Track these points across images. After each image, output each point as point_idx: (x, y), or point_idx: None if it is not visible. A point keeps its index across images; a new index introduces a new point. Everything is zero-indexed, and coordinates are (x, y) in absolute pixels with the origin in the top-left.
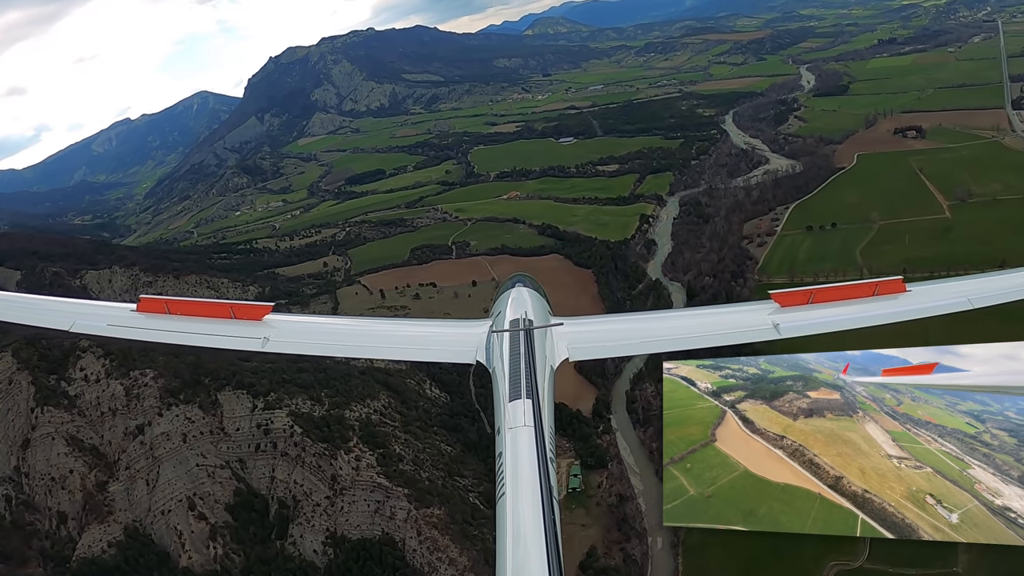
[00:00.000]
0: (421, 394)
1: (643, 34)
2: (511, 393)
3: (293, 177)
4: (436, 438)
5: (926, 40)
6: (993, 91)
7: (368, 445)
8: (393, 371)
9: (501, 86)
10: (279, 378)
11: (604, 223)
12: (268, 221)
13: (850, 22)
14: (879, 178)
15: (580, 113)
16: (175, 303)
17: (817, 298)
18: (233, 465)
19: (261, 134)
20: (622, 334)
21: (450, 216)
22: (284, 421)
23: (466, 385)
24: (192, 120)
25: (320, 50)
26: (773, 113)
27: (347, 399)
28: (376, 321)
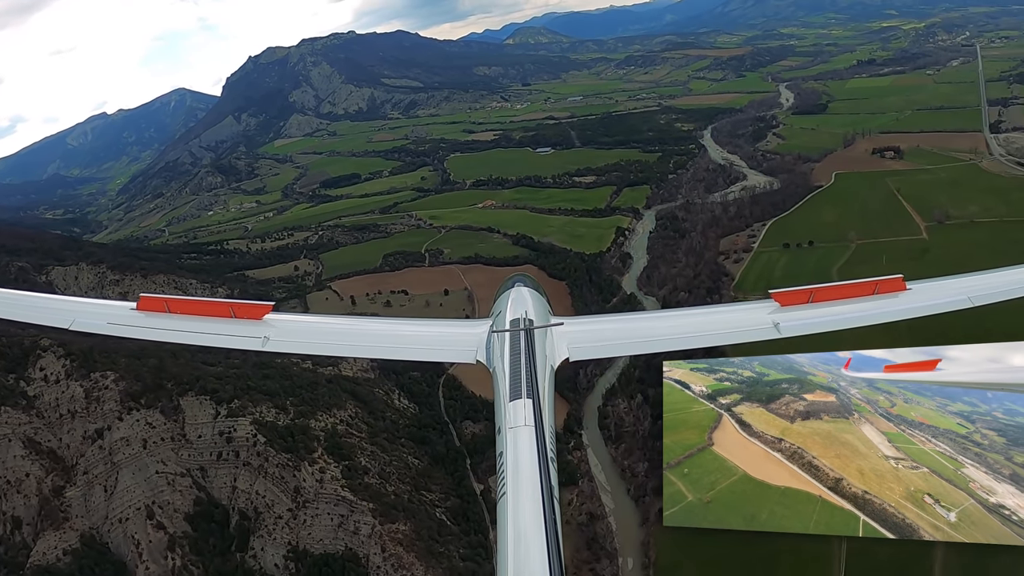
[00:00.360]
0: (389, 404)
1: (623, 47)
2: (511, 393)
3: (268, 178)
4: (403, 450)
5: (905, 62)
6: (971, 114)
7: (333, 456)
8: (361, 380)
9: (480, 94)
10: (244, 384)
11: (579, 235)
12: (240, 222)
13: (830, 42)
14: (857, 197)
15: (558, 124)
16: (175, 302)
17: (817, 297)
18: (194, 473)
19: (237, 134)
20: (623, 333)
21: (424, 223)
22: (247, 429)
23: (435, 396)
24: (169, 117)
25: (300, 51)
26: (752, 129)
27: (313, 408)
28: (376, 321)
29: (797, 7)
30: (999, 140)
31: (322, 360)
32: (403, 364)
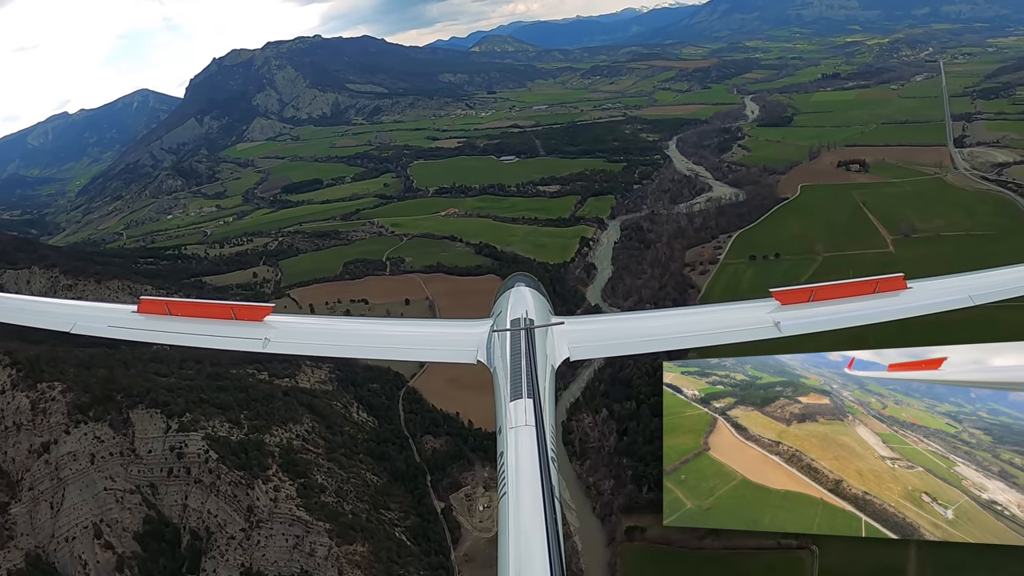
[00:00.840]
0: (347, 418)
1: (589, 57)
2: (512, 393)
3: (229, 182)
4: (361, 467)
5: (869, 76)
6: (935, 128)
7: (288, 474)
8: (319, 392)
9: (445, 101)
10: (196, 397)
11: (543, 244)
12: (200, 226)
13: (795, 56)
14: (823, 210)
15: (523, 132)
16: (175, 304)
17: (818, 296)
18: (144, 490)
19: (199, 136)
20: (623, 333)
21: (386, 231)
22: (199, 445)
23: (395, 409)
24: (131, 118)
25: (265, 54)
26: (717, 141)
27: (268, 422)
28: (376, 321)
29: (762, 21)
30: (964, 154)
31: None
32: (362, 377)
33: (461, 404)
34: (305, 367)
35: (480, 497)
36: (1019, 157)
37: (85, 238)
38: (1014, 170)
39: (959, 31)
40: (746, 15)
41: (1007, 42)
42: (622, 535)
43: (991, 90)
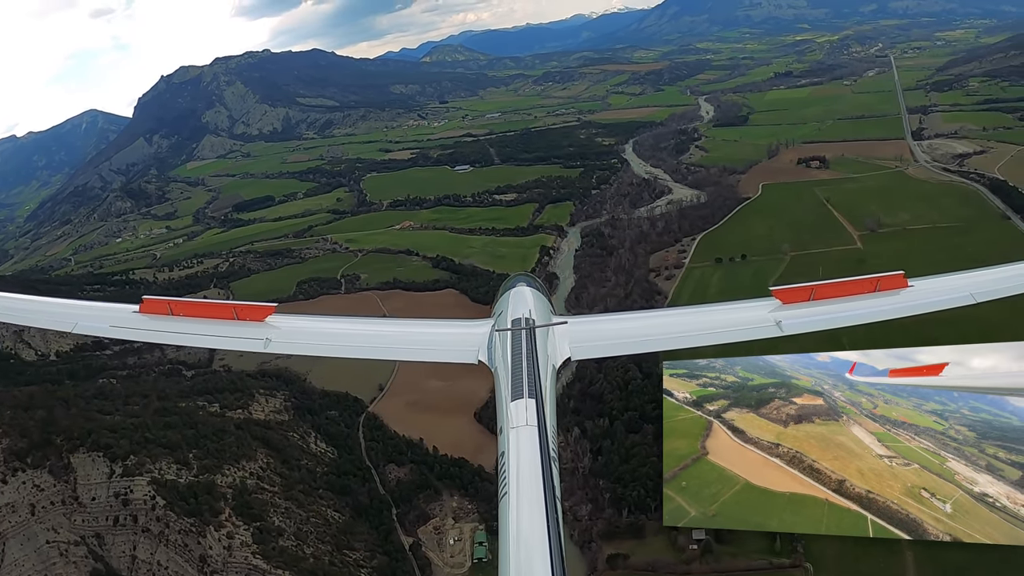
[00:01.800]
0: (305, 450)
1: (541, 64)
2: (513, 393)
3: (179, 202)
4: (322, 503)
5: (821, 73)
6: (891, 122)
7: (242, 518)
8: (274, 423)
9: (397, 112)
10: (141, 437)
11: (502, 255)
12: (150, 249)
13: (746, 56)
14: (786, 208)
15: (477, 141)
16: (177, 304)
17: (819, 294)
18: (89, 541)
19: (149, 156)
20: (624, 332)
21: (340, 247)
22: (145, 491)
23: (356, 438)
24: (80, 139)
25: (214, 70)
26: (674, 143)
27: (219, 461)
28: (377, 321)
29: (712, 23)
30: (923, 147)
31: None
32: (319, 404)
33: (424, 429)
34: (259, 396)
35: (450, 530)
36: (978, 148)
37: (33, 265)
38: (975, 160)
39: (907, 26)
40: (695, 18)
41: (955, 35)
42: (604, 564)
43: (944, 82)
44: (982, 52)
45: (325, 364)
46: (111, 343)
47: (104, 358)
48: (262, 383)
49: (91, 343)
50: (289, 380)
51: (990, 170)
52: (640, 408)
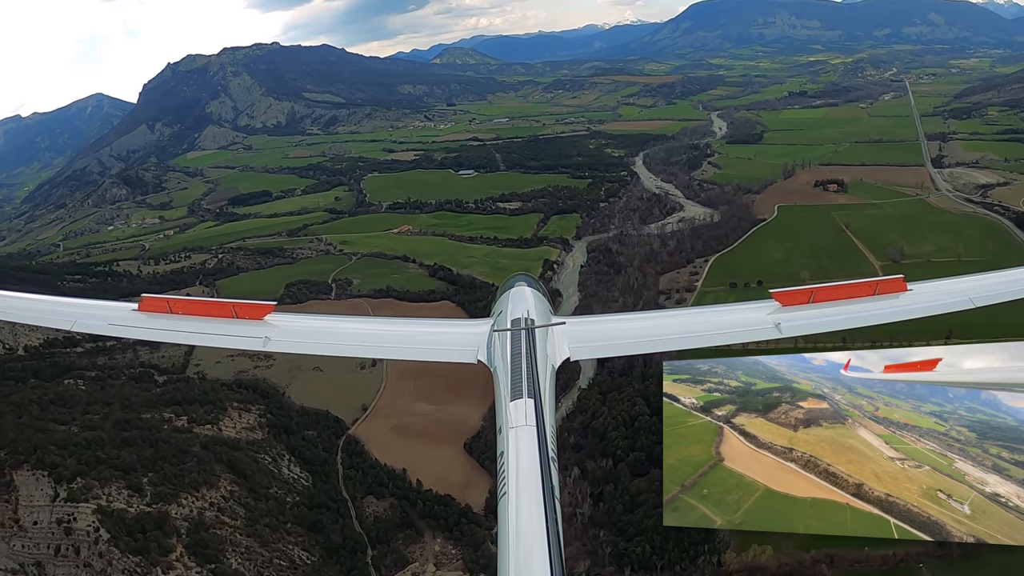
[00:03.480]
0: (276, 475)
1: (551, 71)
2: (512, 392)
3: (175, 192)
4: (289, 540)
5: (836, 95)
6: (910, 148)
7: (196, 558)
8: (244, 443)
9: (403, 112)
10: (92, 456)
11: (503, 267)
12: (140, 239)
13: (759, 74)
14: (804, 233)
15: (483, 145)
16: (177, 302)
17: (818, 297)
18: (29, 570)
19: (150, 144)
20: (624, 333)
21: (334, 249)
22: (89, 520)
23: (333, 464)
24: (85, 123)
25: (221, 60)
26: (686, 158)
27: (176, 487)
28: (377, 320)
29: (724, 39)
30: (944, 175)
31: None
32: (296, 422)
33: (409, 457)
34: (232, 410)
35: None
36: (1002, 179)
37: (21, 249)
38: (999, 192)
39: (920, 52)
40: (708, 33)
41: (969, 63)
42: None
43: (962, 110)
44: (999, 81)
45: (306, 378)
46: (82, 339)
47: (74, 356)
48: (237, 395)
49: (62, 338)
50: (266, 393)
51: (1015, 203)
52: (648, 449)
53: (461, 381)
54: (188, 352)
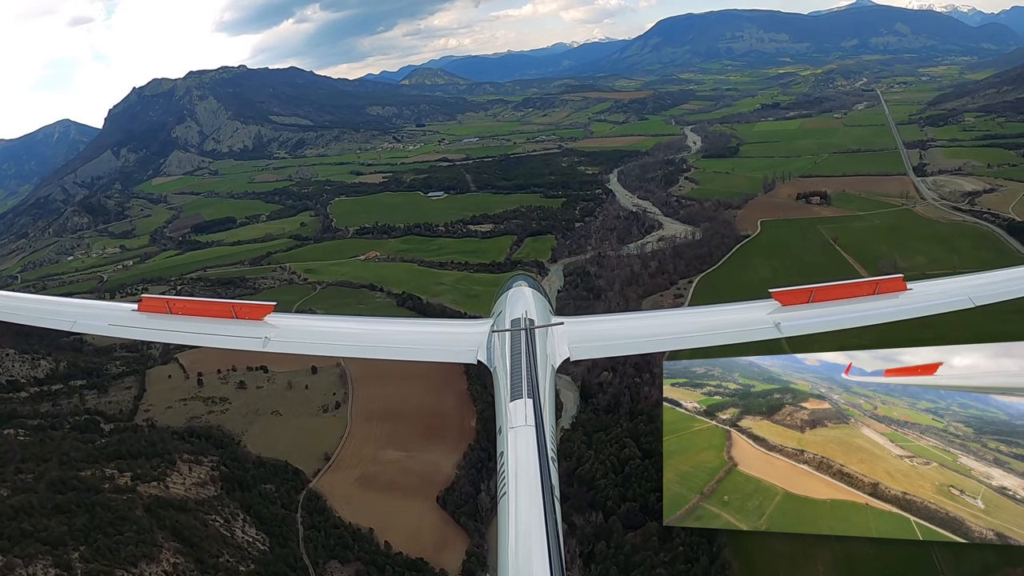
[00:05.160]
0: (229, 539)
1: (521, 90)
2: (512, 393)
3: (138, 220)
4: None
5: (809, 106)
6: (890, 157)
7: None
8: (192, 503)
9: (372, 134)
10: (17, 529)
11: (475, 294)
12: (99, 270)
13: (729, 87)
14: (790, 248)
15: (453, 166)
16: (177, 303)
17: (818, 296)
18: None
19: (115, 170)
20: (623, 332)
21: (298, 277)
22: None
23: (293, 522)
24: (52, 149)
25: (187, 84)
26: (662, 173)
27: (111, 564)
28: (376, 321)
29: (693, 54)
30: (928, 183)
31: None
32: (252, 475)
33: (376, 514)
34: (181, 463)
35: None
36: (988, 185)
37: None
38: (986, 199)
39: (889, 62)
40: (677, 49)
41: (938, 71)
42: None
43: (938, 117)
44: (971, 87)
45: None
46: (25, 383)
47: (15, 402)
48: (187, 445)
49: (3, 382)
50: (220, 442)
51: (1004, 210)
52: (642, 499)
53: (432, 424)
54: (137, 396)
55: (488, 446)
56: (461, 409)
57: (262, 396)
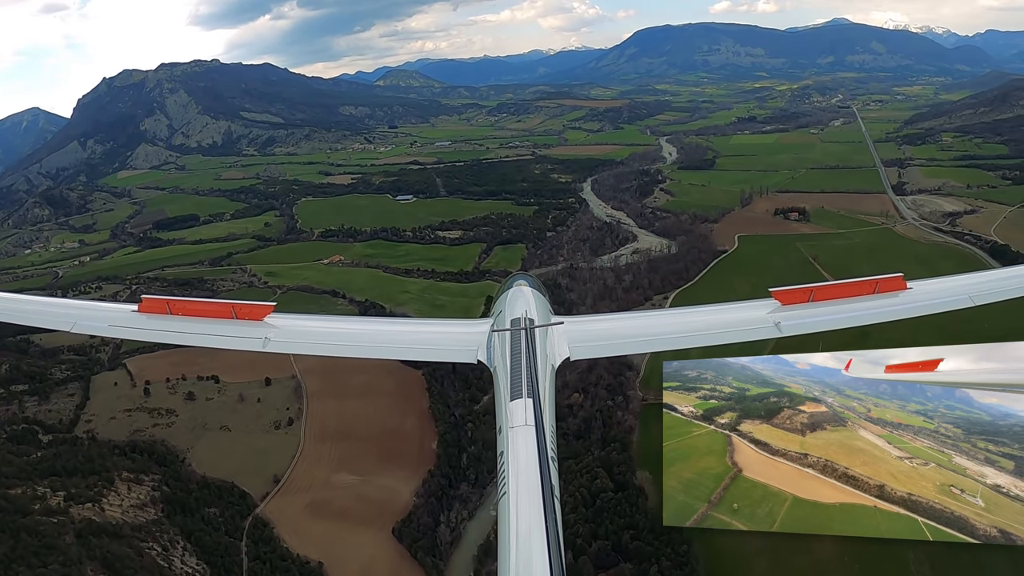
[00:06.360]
0: (165, 572)
1: (496, 95)
2: (512, 392)
3: (100, 214)
4: None
5: (786, 121)
6: (868, 174)
7: None
8: (127, 529)
9: (343, 134)
10: None
11: (440, 304)
12: (56, 265)
13: (705, 99)
14: (769, 265)
15: (423, 169)
16: (176, 303)
17: (818, 296)
18: None
19: (81, 161)
20: (623, 332)
21: (258, 281)
22: None
23: (237, 551)
24: (19, 138)
25: (158, 76)
26: (636, 184)
27: None
28: (376, 321)
29: (669, 66)
30: (907, 203)
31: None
32: (196, 498)
33: (328, 546)
34: (120, 482)
35: None
36: (968, 206)
37: None
38: (967, 220)
39: (864, 79)
40: (654, 59)
41: (913, 90)
42: None
43: (915, 136)
44: (948, 108)
45: (211, 440)
46: None
47: None
48: (128, 462)
49: None
50: (164, 459)
51: (986, 232)
52: (615, 536)
53: (390, 446)
54: (80, 405)
55: (449, 472)
56: (422, 429)
57: (211, 409)
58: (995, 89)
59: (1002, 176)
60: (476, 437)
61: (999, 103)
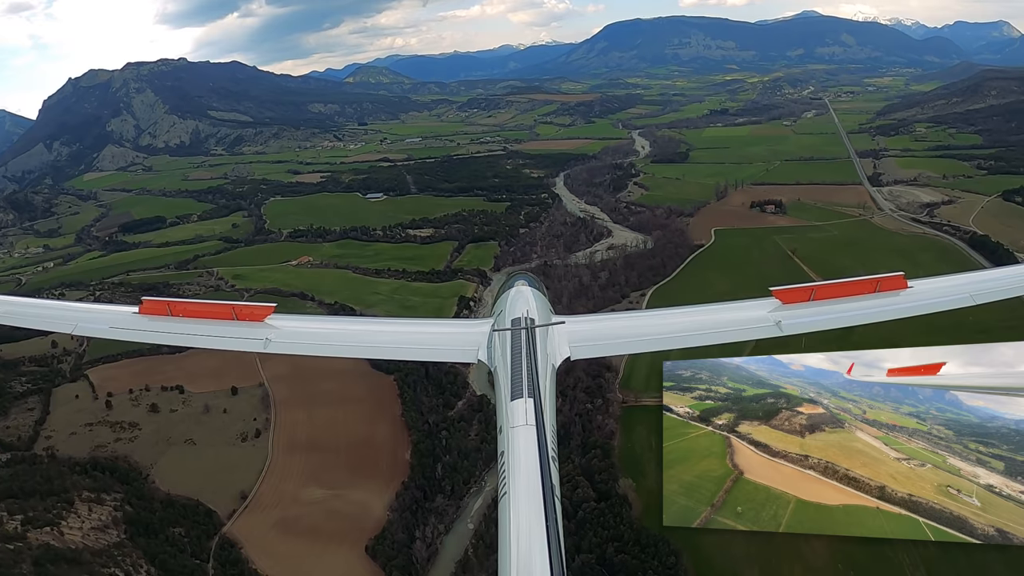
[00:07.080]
0: None
1: (466, 90)
2: (512, 392)
3: (65, 218)
4: None
5: (758, 113)
6: (843, 166)
7: None
8: (87, 555)
9: (312, 132)
10: None
11: (412, 305)
12: (19, 272)
13: (676, 92)
14: (747, 259)
15: (394, 166)
16: (177, 305)
17: (819, 295)
18: None
19: (46, 164)
20: (623, 332)
21: (225, 284)
22: None
23: (204, 575)
24: None
25: (124, 76)
26: (610, 178)
27: None
28: (378, 321)
29: (640, 59)
30: (884, 193)
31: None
32: (160, 517)
33: (296, 565)
34: (80, 503)
35: None
36: (945, 197)
37: None
38: (944, 211)
39: (835, 71)
40: (624, 53)
41: (884, 82)
42: None
43: (888, 127)
44: (919, 99)
45: (175, 454)
46: None
47: None
48: (89, 480)
49: None
50: (126, 477)
51: (964, 223)
52: (599, 549)
53: (362, 456)
54: (39, 420)
55: (424, 483)
56: (395, 438)
57: (175, 421)
58: (966, 80)
59: (977, 166)
60: (451, 445)
61: (971, 94)
